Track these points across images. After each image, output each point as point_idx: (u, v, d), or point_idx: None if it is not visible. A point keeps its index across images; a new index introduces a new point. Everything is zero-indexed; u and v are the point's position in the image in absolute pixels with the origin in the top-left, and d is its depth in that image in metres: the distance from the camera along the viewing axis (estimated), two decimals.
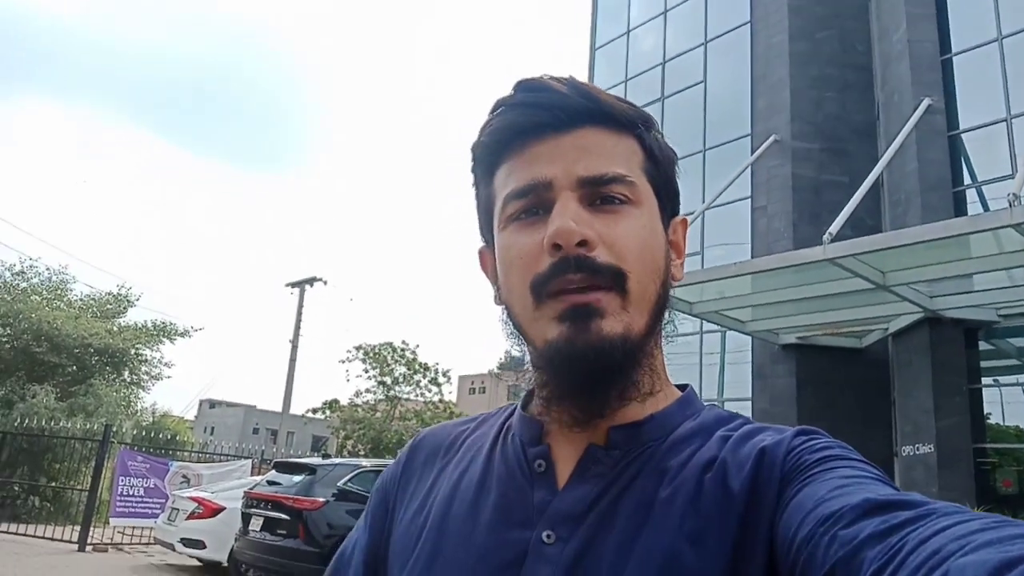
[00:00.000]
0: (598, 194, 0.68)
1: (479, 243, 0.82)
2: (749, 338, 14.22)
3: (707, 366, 15.64)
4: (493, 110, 0.73)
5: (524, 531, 0.67)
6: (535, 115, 0.70)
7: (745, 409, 14.62)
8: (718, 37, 17.67)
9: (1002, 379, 11.59)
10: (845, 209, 10.29)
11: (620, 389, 0.68)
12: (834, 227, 9.75)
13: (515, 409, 0.81)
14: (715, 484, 0.63)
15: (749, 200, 15.53)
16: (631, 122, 0.72)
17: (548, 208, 0.68)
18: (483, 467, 0.75)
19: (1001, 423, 11.26)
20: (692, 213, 14.19)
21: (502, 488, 0.71)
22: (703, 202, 14.78)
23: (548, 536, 0.65)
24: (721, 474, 0.64)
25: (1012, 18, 11.63)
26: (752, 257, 13.53)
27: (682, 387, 0.78)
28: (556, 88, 0.70)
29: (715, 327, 14.55)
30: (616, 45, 20.54)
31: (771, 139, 15.14)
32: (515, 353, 0.77)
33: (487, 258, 0.80)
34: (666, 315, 0.73)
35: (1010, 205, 7.74)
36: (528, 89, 0.71)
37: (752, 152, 15.37)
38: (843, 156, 14.86)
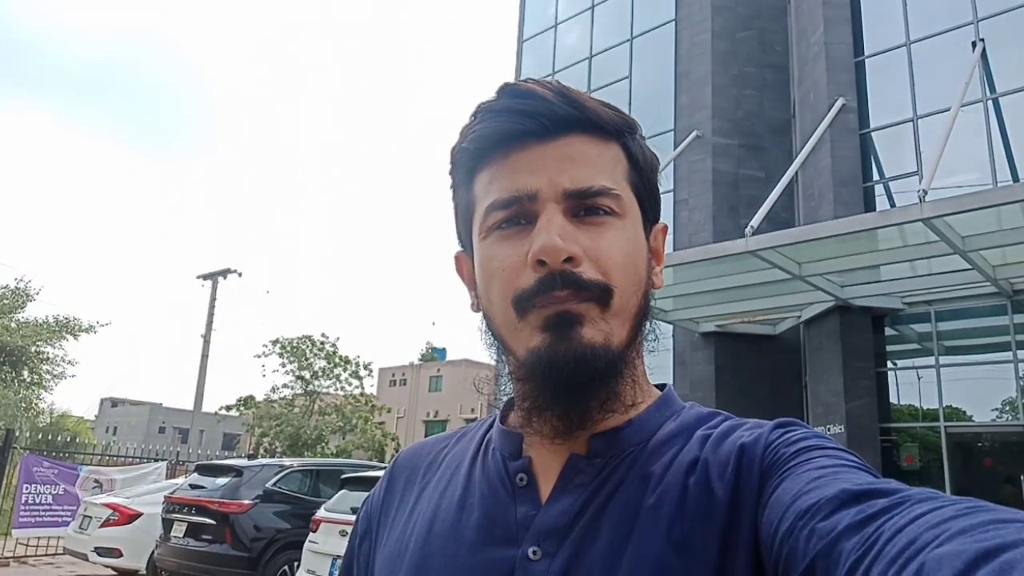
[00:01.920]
0: (583, 206, 0.67)
1: (455, 247, 0.80)
2: (671, 327, 14.58)
3: None
4: (475, 114, 0.71)
5: (509, 548, 0.65)
6: (520, 122, 0.68)
7: None
8: (644, 33, 17.97)
9: (904, 363, 12.27)
10: (765, 204, 10.65)
11: (602, 400, 0.67)
12: (755, 221, 10.07)
13: (493, 422, 0.80)
14: (699, 487, 0.63)
15: (672, 193, 15.88)
16: (617, 130, 0.71)
17: (531, 219, 0.67)
18: (464, 484, 0.74)
19: (904, 404, 11.93)
20: None
21: (485, 505, 0.70)
22: None
23: (534, 552, 0.64)
24: (704, 476, 0.63)
25: (919, 24, 12.28)
26: (675, 249, 13.82)
27: (660, 386, 0.77)
28: (542, 94, 0.68)
29: None
30: (543, 38, 20.63)
31: (693, 135, 15.52)
32: (494, 362, 0.76)
33: (464, 263, 0.78)
34: (647, 325, 0.72)
35: (920, 200, 8.14)
36: (513, 95, 0.69)
37: (675, 147, 15.71)
38: (760, 152, 15.38)
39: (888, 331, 12.22)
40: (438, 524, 0.70)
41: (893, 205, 11.91)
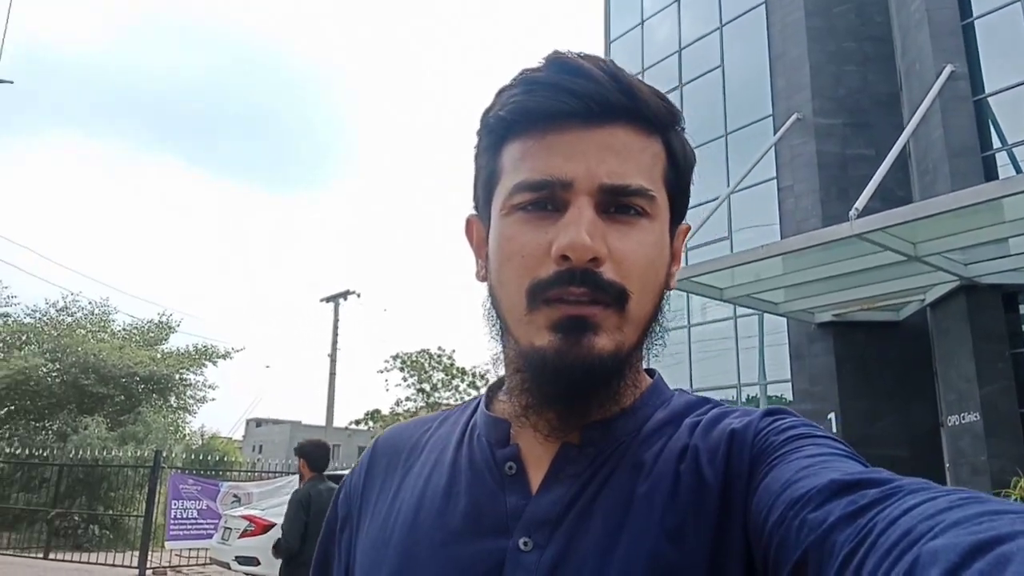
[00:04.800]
0: (616, 203, 0.65)
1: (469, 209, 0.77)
2: (784, 319, 14.10)
3: (743, 350, 15.53)
4: (518, 82, 0.67)
5: (499, 539, 0.63)
6: (565, 101, 0.64)
7: (785, 390, 14.50)
8: (733, 20, 17.53)
9: None
10: (871, 183, 10.16)
11: (602, 401, 0.66)
12: (860, 202, 9.63)
13: (478, 406, 0.78)
14: (690, 474, 0.62)
15: (775, 181, 15.38)
16: (663, 123, 0.68)
17: (559, 206, 0.64)
18: (449, 471, 0.71)
19: None
20: (718, 198, 14.12)
21: (472, 494, 0.68)
22: (728, 186, 14.68)
23: (525, 543, 0.62)
24: (694, 463, 0.63)
25: None
26: (781, 238, 13.39)
27: (650, 372, 0.76)
28: (593, 74, 0.64)
29: (749, 311, 14.46)
30: (631, 36, 20.46)
31: (793, 117, 14.97)
32: (491, 341, 0.73)
33: (476, 229, 0.76)
34: (658, 328, 0.70)
35: None
36: (562, 69, 0.65)
37: (775, 132, 15.22)
38: (867, 129, 14.65)
39: (1023, 309, 11.36)
40: (424, 512, 0.69)
41: (1019, 172, 11.08)
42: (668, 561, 0.58)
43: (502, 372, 0.74)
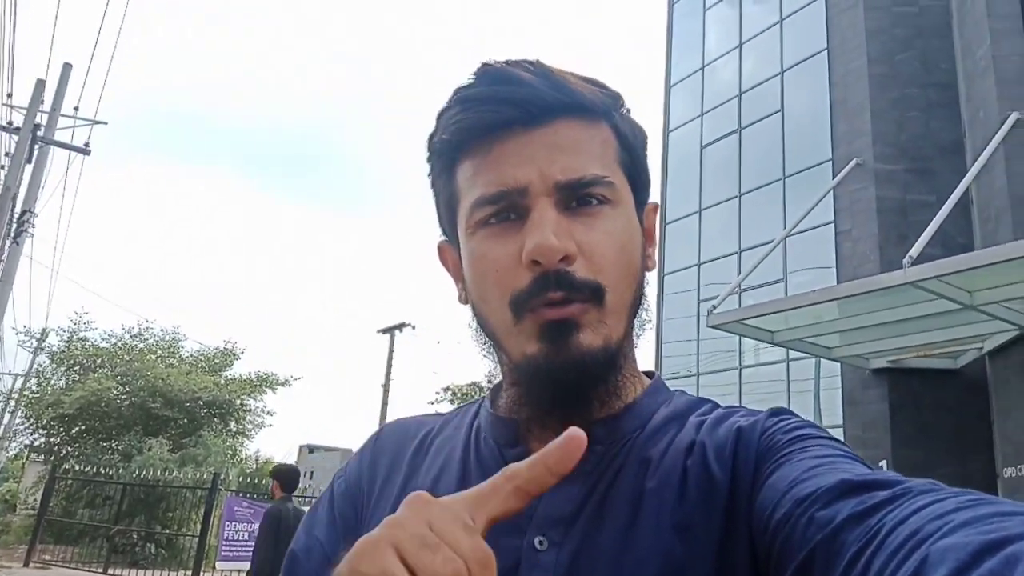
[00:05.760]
0: (575, 197, 0.65)
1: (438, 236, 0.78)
2: (838, 364, 13.81)
3: (795, 393, 15.24)
4: (453, 101, 0.68)
5: (513, 538, 0.62)
6: (502, 111, 0.65)
7: (838, 436, 14.11)
8: (795, 65, 17.53)
9: None
10: (927, 230, 10.01)
11: (603, 399, 0.67)
12: (915, 249, 9.49)
13: (479, 409, 0.78)
14: (698, 469, 0.63)
15: (832, 225, 15.21)
16: (604, 109, 0.69)
17: (521, 213, 0.65)
18: (459, 473, 0.71)
19: None
20: (771, 241, 14.03)
21: None
22: (784, 228, 14.57)
23: (540, 543, 0.62)
24: (702, 458, 0.63)
25: None
26: (838, 282, 13.20)
27: (648, 374, 0.77)
28: (525, 79, 0.65)
29: (803, 355, 14.22)
30: (692, 80, 20.62)
31: (853, 162, 14.84)
32: (485, 361, 0.74)
33: (448, 254, 0.76)
34: (642, 313, 0.71)
35: None
36: (493, 80, 0.66)
37: (834, 177, 15.09)
38: (929, 175, 14.40)
39: None
40: None
41: None
42: (678, 555, 0.58)
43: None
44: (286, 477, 5.49)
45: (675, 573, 0.58)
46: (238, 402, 21.52)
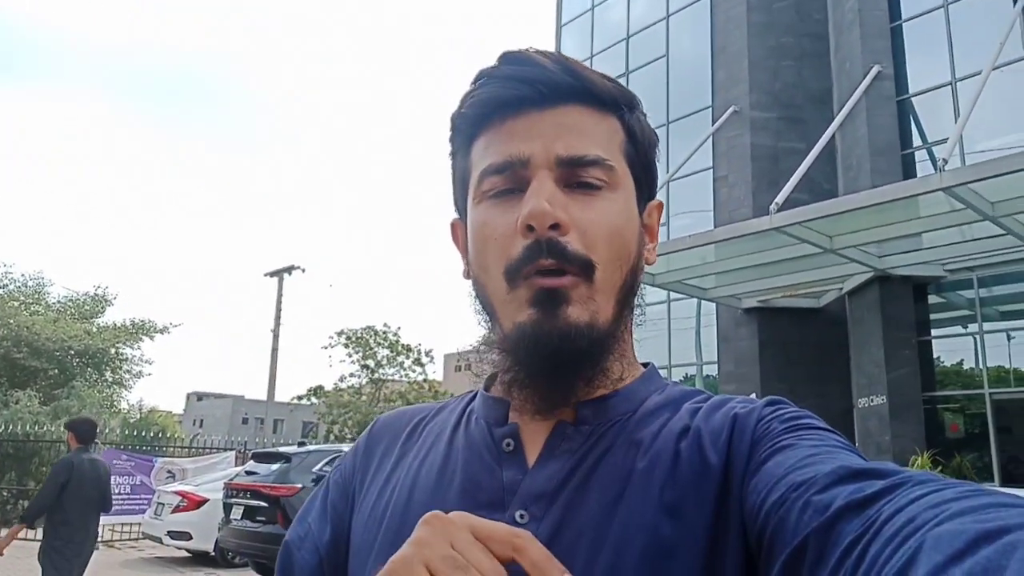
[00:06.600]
0: (576, 176, 0.67)
1: (452, 215, 0.80)
2: (714, 304, 14.62)
3: (676, 331, 16.04)
4: (475, 80, 0.71)
5: (495, 512, 0.63)
6: (517, 89, 0.68)
7: (712, 371, 15.08)
8: (680, 11, 17.88)
9: (947, 331, 12.08)
10: (793, 177, 10.64)
11: (588, 377, 0.67)
12: (781, 196, 10.09)
13: (475, 395, 0.80)
14: (691, 452, 0.63)
15: (711, 170, 15.84)
16: (615, 102, 0.71)
17: (524, 187, 0.66)
18: (444, 452, 0.72)
19: (948, 372, 11.77)
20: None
21: (468, 470, 0.69)
22: (667, 173, 15.08)
23: (521, 516, 0.63)
24: (696, 442, 0.64)
25: None
26: (715, 226, 13.85)
27: (644, 364, 0.78)
28: (540, 62, 0.68)
29: (683, 296, 14.96)
30: (582, 21, 20.70)
31: (730, 110, 15.43)
32: (481, 330, 0.75)
33: (459, 231, 0.78)
34: (635, 300, 0.72)
35: (938, 170, 8.07)
36: (512, 62, 0.70)
37: (713, 123, 15.65)
38: (800, 124, 15.18)
39: (932, 299, 12.04)
40: (418, 491, 0.69)
41: (936, 170, 11.69)
42: (665, 535, 0.59)
43: (487, 359, 0.75)
44: (81, 428, 5.62)
45: (661, 553, 0.58)
46: (113, 351, 20.54)
